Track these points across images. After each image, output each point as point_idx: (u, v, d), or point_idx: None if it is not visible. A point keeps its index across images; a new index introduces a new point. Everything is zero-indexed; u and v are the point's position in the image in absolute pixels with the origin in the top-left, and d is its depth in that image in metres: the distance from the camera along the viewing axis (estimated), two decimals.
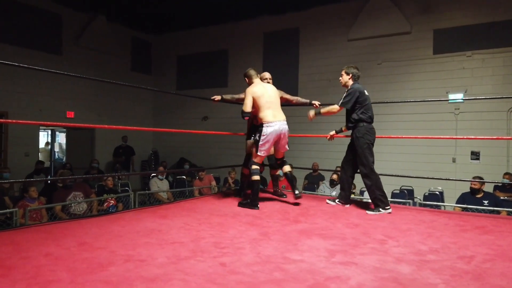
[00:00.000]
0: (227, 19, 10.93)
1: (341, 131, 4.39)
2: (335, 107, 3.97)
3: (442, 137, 7.79)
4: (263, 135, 3.83)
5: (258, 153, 3.87)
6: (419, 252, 2.44)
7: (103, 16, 10.73)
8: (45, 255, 2.17)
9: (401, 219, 3.50)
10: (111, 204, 5.69)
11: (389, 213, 3.69)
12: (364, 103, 3.88)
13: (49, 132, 12.66)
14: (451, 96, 7.96)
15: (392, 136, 6.68)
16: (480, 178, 5.62)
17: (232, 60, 11.23)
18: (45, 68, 3.57)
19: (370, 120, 3.90)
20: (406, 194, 6.71)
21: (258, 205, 3.80)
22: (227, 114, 11.10)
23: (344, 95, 3.92)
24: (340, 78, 4.08)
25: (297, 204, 4.08)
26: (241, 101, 4.66)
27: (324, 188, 6.55)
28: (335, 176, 6.64)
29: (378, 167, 3.96)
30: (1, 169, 6.39)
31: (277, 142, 3.95)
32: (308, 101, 4.64)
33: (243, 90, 4.82)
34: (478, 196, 5.35)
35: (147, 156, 12.22)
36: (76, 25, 10.42)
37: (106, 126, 5.30)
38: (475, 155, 7.82)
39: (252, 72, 4.21)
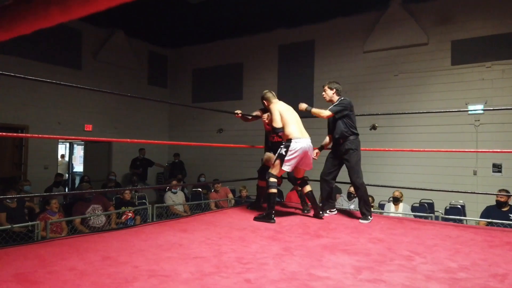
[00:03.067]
0: (243, 33, 11.03)
1: (322, 148, 4.38)
2: (326, 112, 3.96)
3: (462, 150, 7.64)
4: (291, 150, 3.80)
5: (283, 167, 3.82)
6: (449, 270, 2.36)
7: (121, 31, 10.95)
8: (70, 269, 2.17)
9: (426, 234, 3.41)
10: (129, 217, 5.70)
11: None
12: (354, 117, 4.02)
13: (67, 144, 12.89)
14: (471, 108, 7.82)
15: (409, 149, 6.60)
16: (506, 191, 5.48)
17: (247, 73, 11.29)
18: (67, 83, 3.63)
19: (358, 133, 4.00)
20: (426, 208, 6.57)
21: (274, 219, 3.76)
22: (241, 127, 11.13)
23: (336, 103, 3.95)
24: (324, 93, 4.13)
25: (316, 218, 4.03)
26: (254, 119, 4.70)
27: (342, 201, 6.45)
28: (352, 189, 6.54)
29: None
30: (22, 182, 6.49)
31: (302, 159, 3.92)
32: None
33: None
34: (504, 209, 5.20)
35: (162, 169, 12.28)
36: (95, 40, 10.65)
37: (126, 140, 5.35)
38: (497, 168, 7.63)
39: (269, 94, 4.25)
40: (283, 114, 3.96)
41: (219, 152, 11.49)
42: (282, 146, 3.89)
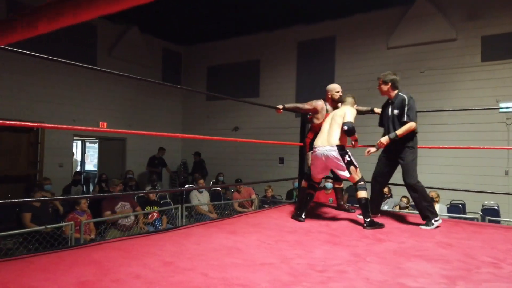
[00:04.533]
0: (260, 29, 10.78)
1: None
2: (412, 124, 3.52)
3: (495, 147, 7.36)
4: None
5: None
6: None
7: (136, 27, 10.73)
8: (135, 277, 1.94)
9: (491, 238, 3.17)
10: (155, 216, 5.48)
11: (439, 226, 3.45)
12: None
13: (78, 143, 12.69)
14: (502, 105, 7.56)
15: (437, 146, 6.34)
16: None
17: (264, 70, 11.05)
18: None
19: (417, 131, 3.66)
20: (461, 209, 6.32)
21: (303, 217, 3.65)
22: (257, 125, 10.93)
23: (406, 108, 3.58)
24: (378, 87, 3.83)
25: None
26: (301, 110, 4.46)
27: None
28: (386, 189, 6.30)
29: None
30: (43, 180, 6.28)
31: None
32: (369, 108, 4.38)
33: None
34: None
35: (175, 167, 12.06)
36: (110, 37, 10.44)
37: (144, 132, 5.14)
38: None
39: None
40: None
41: (235, 151, 11.25)
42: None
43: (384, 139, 3.59)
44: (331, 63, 9.85)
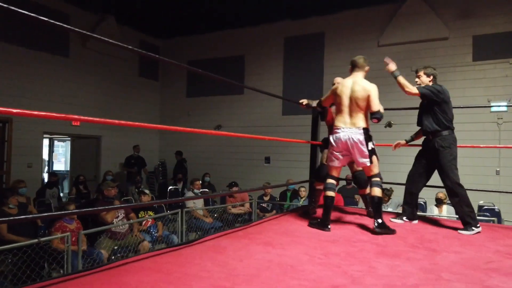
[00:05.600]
0: (244, 23, 10.37)
1: (412, 140, 3.90)
2: (413, 88, 3.35)
3: (486, 146, 7.37)
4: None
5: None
6: None
7: (112, 17, 10.00)
8: None
9: None
10: (149, 223, 4.95)
11: (479, 232, 3.21)
12: (451, 108, 3.42)
13: (44, 141, 11.72)
14: (494, 105, 7.58)
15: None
16: None
17: (249, 65, 10.65)
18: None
19: (453, 127, 3.42)
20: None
21: (329, 226, 3.20)
22: (241, 123, 10.51)
23: (429, 86, 3.39)
24: (417, 80, 3.56)
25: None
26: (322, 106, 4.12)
27: None
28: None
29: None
30: (16, 183, 5.56)
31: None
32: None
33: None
34: None
35: (153, 168, 11.41)
36: (84, 26, 9.63)
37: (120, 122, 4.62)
38: None
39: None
40: None
41: (219, 150, 10.78)
42: (370, 140, 3.24)
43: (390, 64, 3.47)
44: (319, 60, 9.60)
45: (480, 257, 2.54)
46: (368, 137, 3.21)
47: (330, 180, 3.35)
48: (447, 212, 5.56)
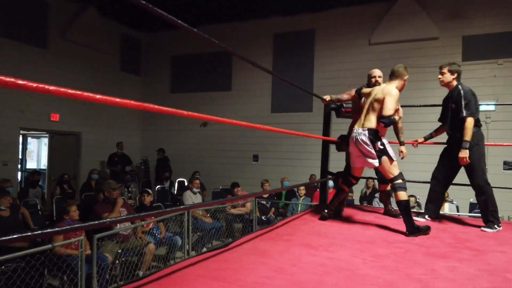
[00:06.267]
0: (232, 18, 10.14)
1: (431, 137, 3.89)
2: (468, 123, 3.17)
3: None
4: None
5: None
6: None
7: (94, 8, 9.51)
8: None
9: None
10: (151, 224, 4.67)
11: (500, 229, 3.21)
12: (478, 104, 3.39)
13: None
14: (482, 104, 7.75)
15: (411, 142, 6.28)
16: None
17: (237, 62, 10.42)
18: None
19: (480, 125, 3.41)
20: (456, 208, 6.31)
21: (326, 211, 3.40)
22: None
23: (463, 102, 3.29)
24: (440, 76, 3.51)
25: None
26: (344, 101, 4.00)
27: (378, 202, 5.96)
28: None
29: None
30: (3, 183, 5.10)
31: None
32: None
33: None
34: None
35: (134, 166, 10.98)
36: (64, 16, 9.12)
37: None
38: (508, 165, 7.66)
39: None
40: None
41: (205, 148, 10.51)
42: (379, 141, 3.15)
43: (463, 154, 3.16)
44: (310, 58, 9.52)
45: None
46: (374, 138, 3.10)
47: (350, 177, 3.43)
48: (449, 209, 5.61)
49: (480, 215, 3.47)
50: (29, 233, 1.29)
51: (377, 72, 3.74)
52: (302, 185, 6.78)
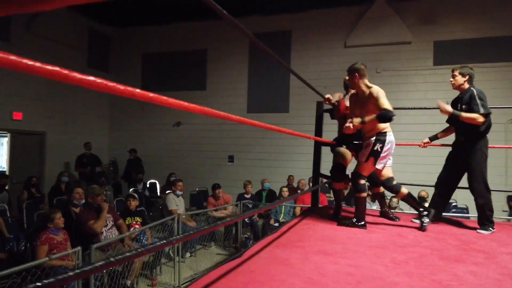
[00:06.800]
0: (207, 16, 9.94)
1: (436, 138, 3.97)
2: (480, 117, 3.20)
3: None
4: (387, 145, 3.20)
5: (377, 166, 3.20)
6: None
7: None
8: None
9: None
10: (137, 229, 4.44)
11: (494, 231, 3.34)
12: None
13: None
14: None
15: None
16: None
17: (212, 61, 10.25)
18: None
19: (487, 131, 3.46)
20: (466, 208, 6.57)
21: (366, 225, 3.27)
22: (203, 120, 10.08)
23: (477, 100, 3.39)
24: (452, 79, 3.60)
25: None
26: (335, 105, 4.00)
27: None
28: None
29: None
30: None
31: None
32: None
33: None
34: None
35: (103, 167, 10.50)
36: None
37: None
38: None
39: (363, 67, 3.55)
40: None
41: (179, 148, 10.25)
42: (375, 141, 3.21)
43: (445, 107, 3.38)
44: (286, 59, 9.51)
45: None
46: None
47: (363, 181, 3.38)
48: None
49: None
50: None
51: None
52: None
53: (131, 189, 7.99)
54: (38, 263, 2.84)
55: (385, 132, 3.26)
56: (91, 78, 1.11)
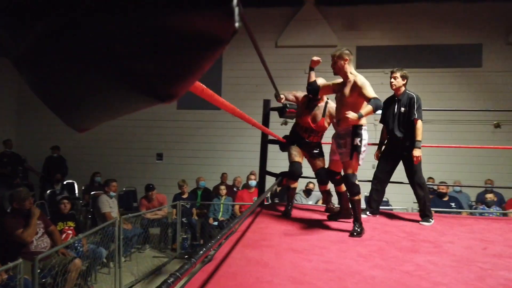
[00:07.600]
0: None
1: (382, 144, 4.06)
2: (421, 124, 3.57)
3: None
4: (364, 140, 3.14)
5: (360, 162, 3.28)
6: None
7: None
8: None
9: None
10: (70, 235, 4.01)
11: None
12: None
13: None
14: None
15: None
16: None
17: None
18: None
19: None
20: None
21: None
22: (129, 116, 9.49)
23: (416, 106, 3.67)
24: (393, 80, 3.83)
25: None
26: (294, 101, 4.07)
27: (301, 198, 6.24)
28: (311, 185, 6.41)
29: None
30: None
31: None
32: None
33: None
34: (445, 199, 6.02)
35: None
36: None
37: None
38: None
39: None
40: None
41: (102, 146, 9.55)
42: (352, 135, 3.08)
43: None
44: (218, 57, 9.42)
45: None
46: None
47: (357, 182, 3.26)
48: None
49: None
50: None
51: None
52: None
53: (48, 191, 7.22)
54: None
55: (361, 126, 3.15)
56: None
